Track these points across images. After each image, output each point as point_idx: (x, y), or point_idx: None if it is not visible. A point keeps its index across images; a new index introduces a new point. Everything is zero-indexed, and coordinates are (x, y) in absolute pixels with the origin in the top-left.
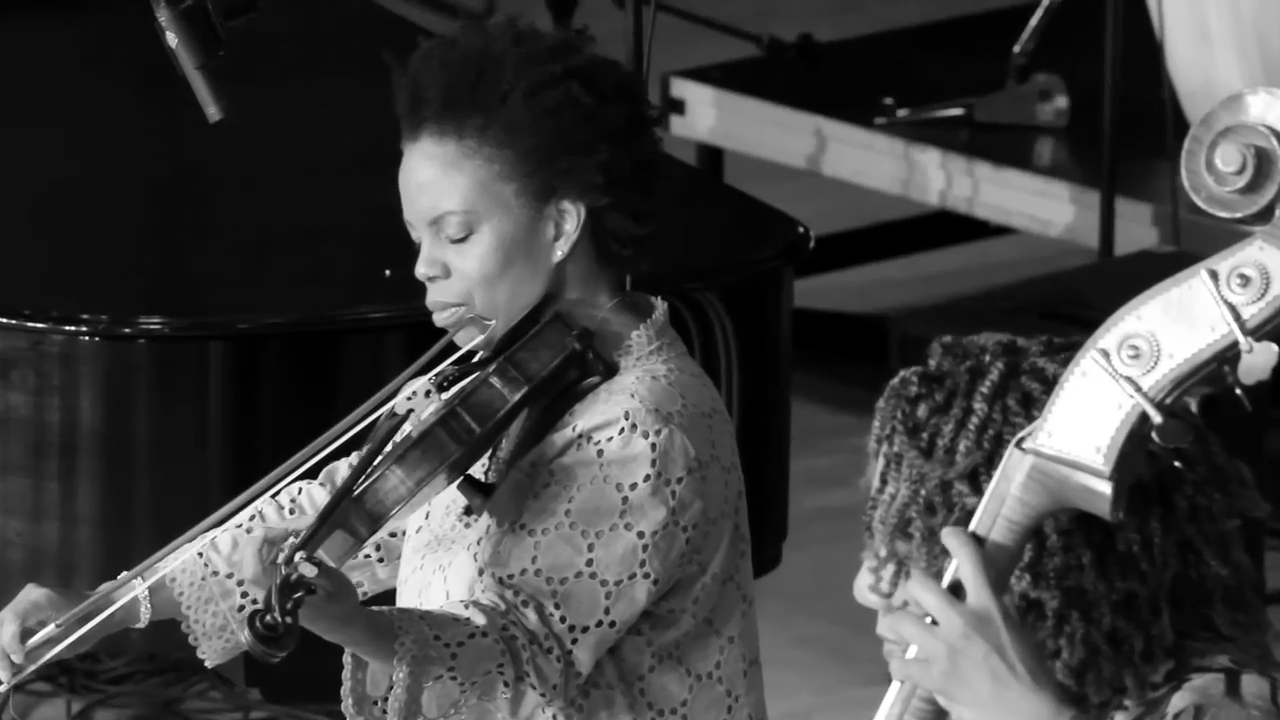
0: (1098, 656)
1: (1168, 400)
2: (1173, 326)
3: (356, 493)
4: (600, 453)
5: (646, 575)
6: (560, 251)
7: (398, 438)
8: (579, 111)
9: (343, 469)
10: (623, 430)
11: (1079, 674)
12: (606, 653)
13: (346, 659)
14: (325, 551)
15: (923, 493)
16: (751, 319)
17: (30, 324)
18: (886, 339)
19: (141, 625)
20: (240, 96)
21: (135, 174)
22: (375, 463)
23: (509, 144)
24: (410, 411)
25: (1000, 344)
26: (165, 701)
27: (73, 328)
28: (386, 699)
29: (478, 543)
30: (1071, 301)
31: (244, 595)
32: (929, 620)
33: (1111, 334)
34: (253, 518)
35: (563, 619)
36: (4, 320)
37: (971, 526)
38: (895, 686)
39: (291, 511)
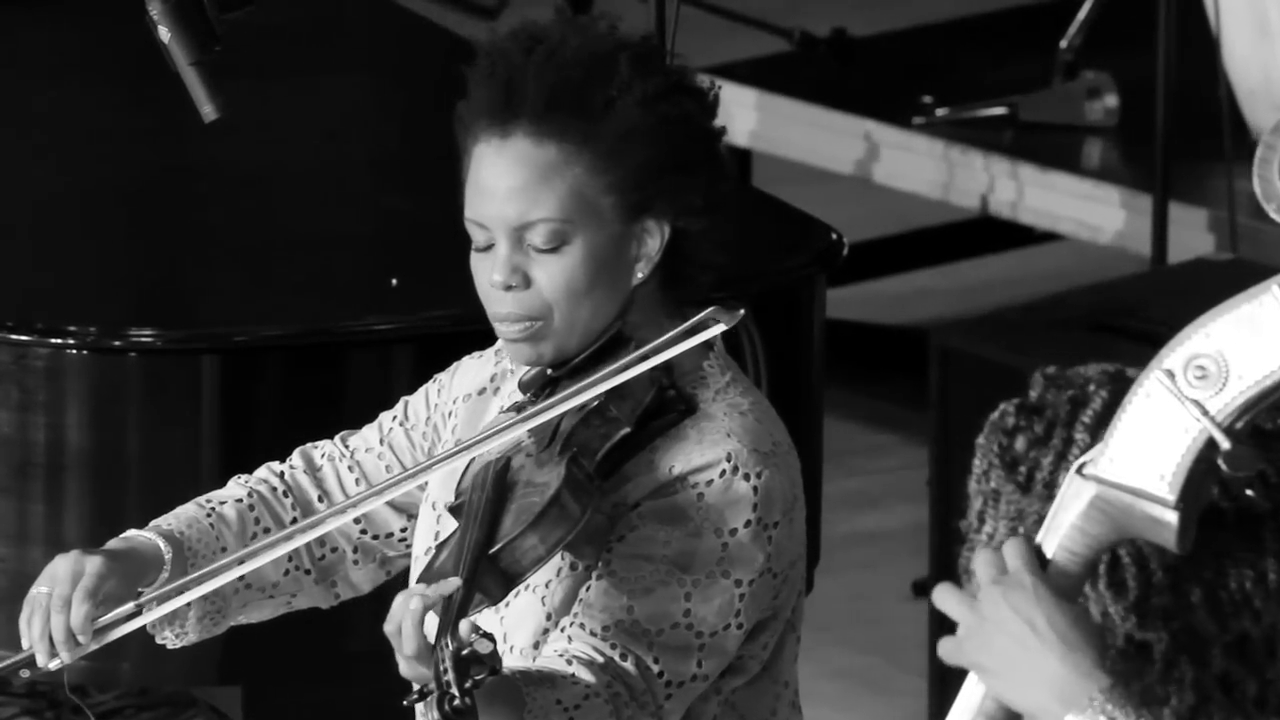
0: (1209, 703)
1: (1237, 425)
2: (1243, 345)
3: (492, 552)
4: (700, 496)
5: (740, 626)
6: (641, 273)
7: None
8: (691, 128)
9: (315, 455)
10: (724, 473)
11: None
12: None
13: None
14: None
15: (1021, 530)
16: (782, 331)
17: (14, 336)
18: (925, 352)
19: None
20: (237, 95)
21: (125, 177)
22: (495, 516)
23: (615, 154)
24: (509, 458)
25: (1106, 373)
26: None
27: (59, 340)
28: None
29: (545, 586)
30: (1122, 313)
31: (241, 579)
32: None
33: (1177, 353)
34: (250, 495)
35: (660, 674)
36: None
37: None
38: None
39: (285, 494)
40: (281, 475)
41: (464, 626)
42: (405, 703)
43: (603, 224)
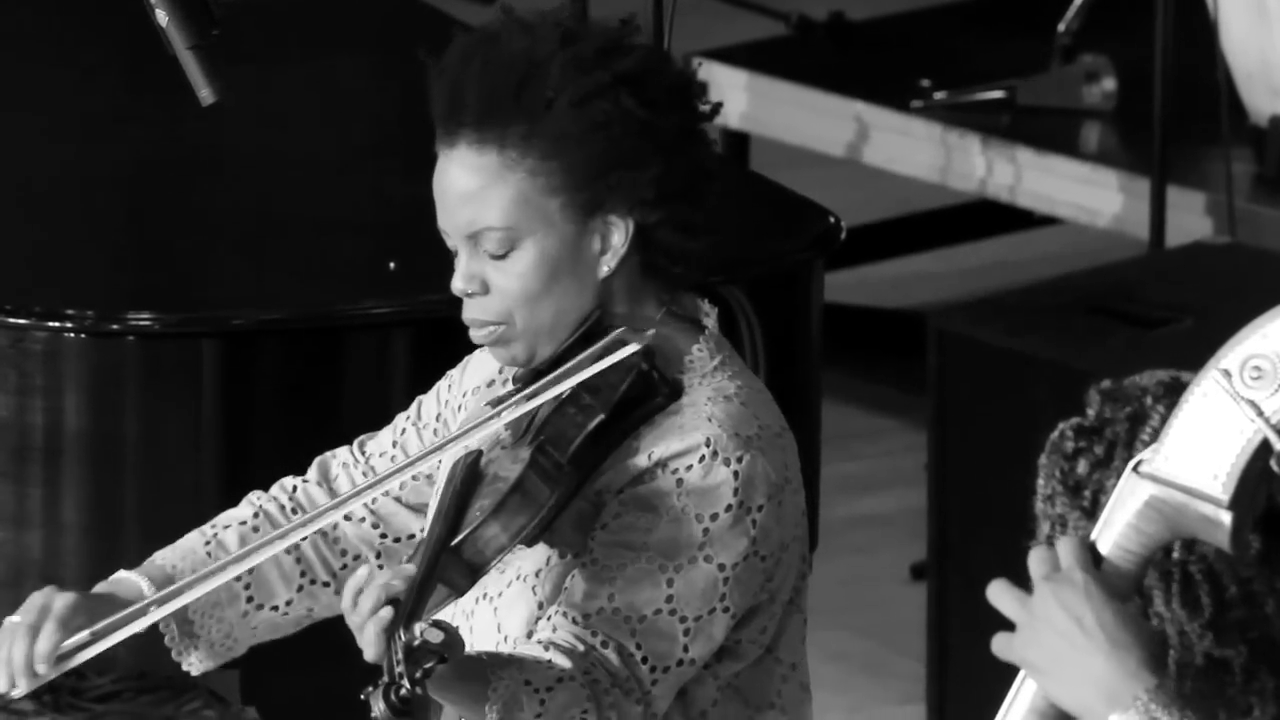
0: None
1: None
2: None
3: (455, 543)
4: (680, 481)
5: (726, 609)
6: (606, 267)
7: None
8: (630, 123)
9: (333, 465)
10: (703, 458)
11: None
12: None
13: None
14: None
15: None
16: (779, 314)
17: (11, 320)
18: (923, 336)
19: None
20: (235, 78)
21: (123, 161)
22: (460, 508)
23: (554, 156)
24: (480, 452)
25: (1162, 384)
26: None
27: (57, 324)
28: None
29: (536, 574)
30: (1120, 296)
31: (249, 600)
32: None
33: (1235, 353)
34: (256, 515)
35: (644, 659)
36: None
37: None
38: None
39: (294, 510)
40: (294, 491)
41: (417, 627)
42: (361, 697)
43: (552, 226)
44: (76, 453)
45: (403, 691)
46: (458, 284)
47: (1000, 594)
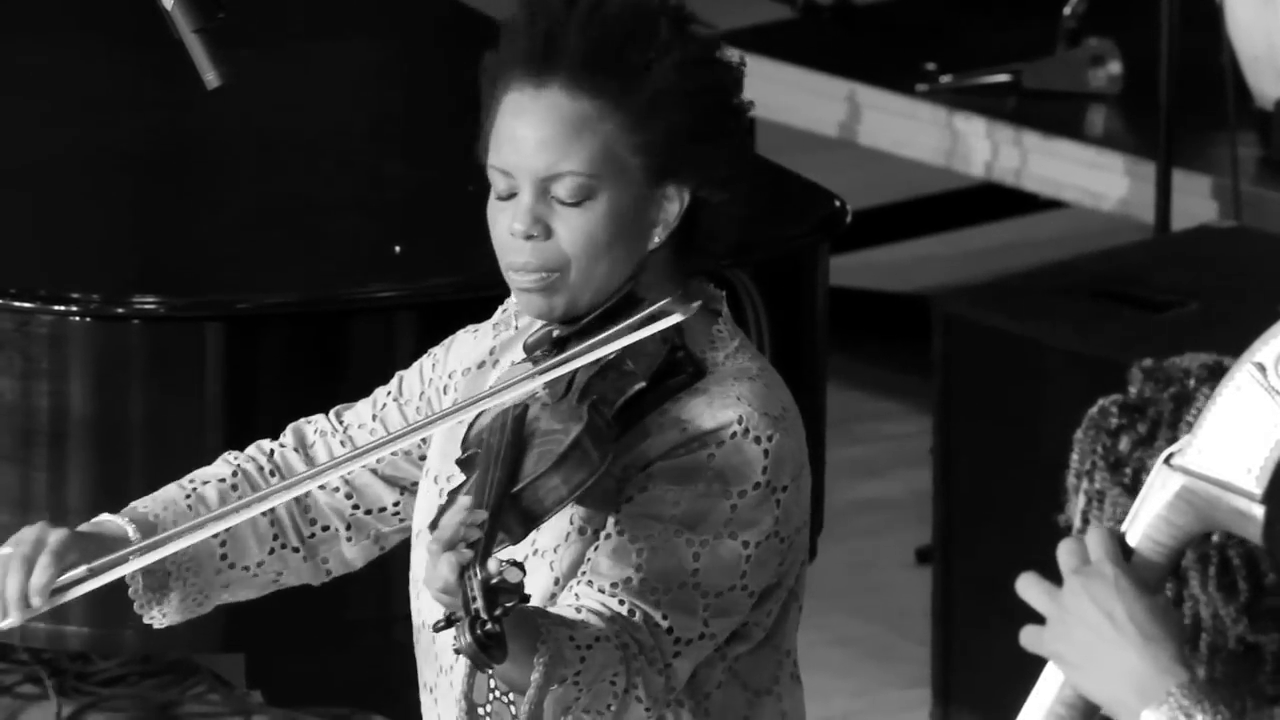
0: None
1: None
2: None
3: (515, 490)
4: (711, 457)
5: (745, 588)
6: (657, 238)
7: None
8: (723, 96)
9: (308, 432)
10: (734, 435)
11: None
12: None
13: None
14: None
15: None
16: (785, 298)
17: (17, 303)
18: (928, 320)
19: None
20: (240, 61)
21: (128, 144)
22: (516, 458)
23: (648, 116)
24: (526, 405)
25: (1205, 366)
26: (161, 705)
27: (62, 307)
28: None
29: (554, 550)
30: (1125, 280)
31: (223, 559)
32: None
33: (1270, 346)
34: (235, 474)
35: (669, 630)
36: None
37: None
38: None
39: (273, 473)
40: (271, 454)
41: (493, 562)
42: (434, 629)
43: (629, 183)
44: (81, 436)
45: (489, 626)
46: (518, 225)
47: (1029, 587)
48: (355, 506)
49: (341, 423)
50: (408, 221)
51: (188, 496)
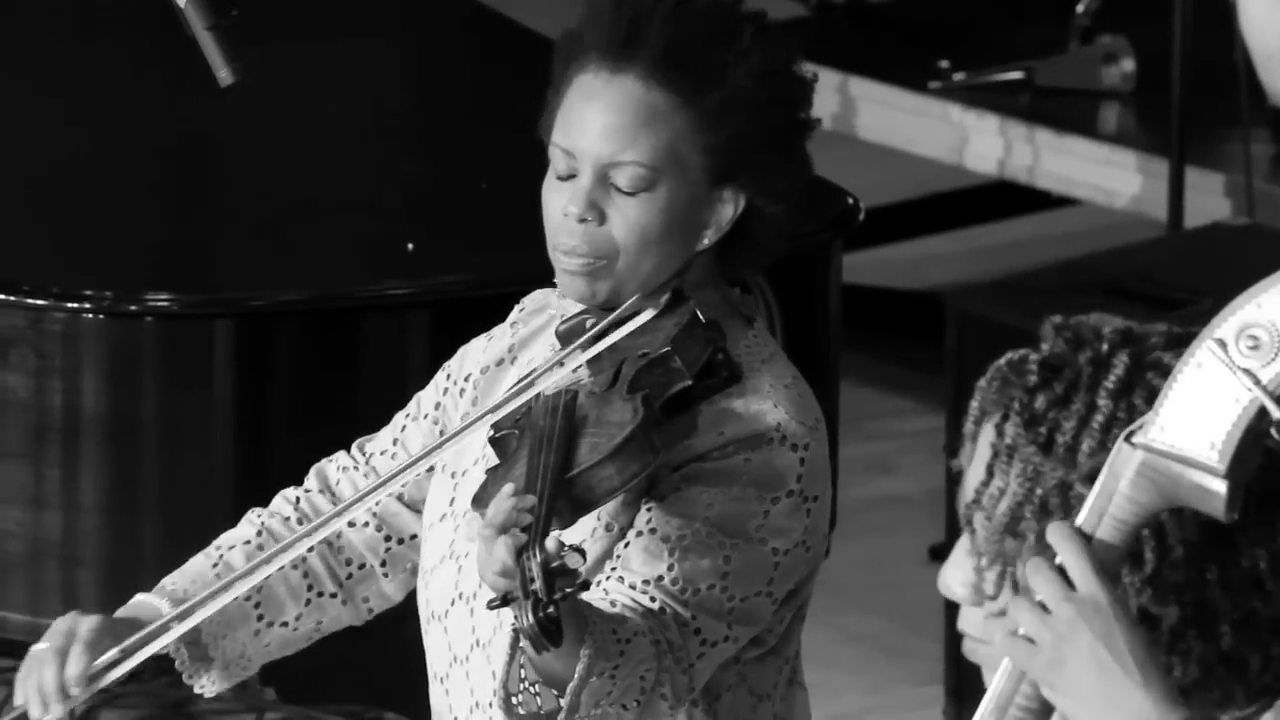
0: (1210, 676)
1: None
2: None
3: (569, 476)
4: (747, 461)
5: (770, 594)
6: (707, 240)
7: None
8: (793, 109)
9: (331, 471)
10: (771, 441)
11: (1187, 692)
12: None
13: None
14: None
15: (1039, 492)
16: (798, 296)
17: (30, 301)
18: (942, 317)
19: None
20: (253, 59)
21: (141, 142)
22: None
23: (719, 116)
24: (576, 392)
25: (1119, 333)
26: (175, 702)
27: (75, 305)
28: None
29: (580, 545)
30: (1139, 277)
31: (260, 619)
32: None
33: (1230, 323)
34: (259, 533)
35: (697, 631)
36: (2, 297)
37: (1078, 523)
38: (1000, 674)
39: (300, 522)
40: (297, 502)
41: (551, 541)
42: (488, 607)
43: (688, 181)
44: (94, 433)
45: (550, 609)
46: (573, 208)
47: (1022, 611)
48: (387, 538)
49: (364, 454)
50: (420, 219)
51: (214, 565)
